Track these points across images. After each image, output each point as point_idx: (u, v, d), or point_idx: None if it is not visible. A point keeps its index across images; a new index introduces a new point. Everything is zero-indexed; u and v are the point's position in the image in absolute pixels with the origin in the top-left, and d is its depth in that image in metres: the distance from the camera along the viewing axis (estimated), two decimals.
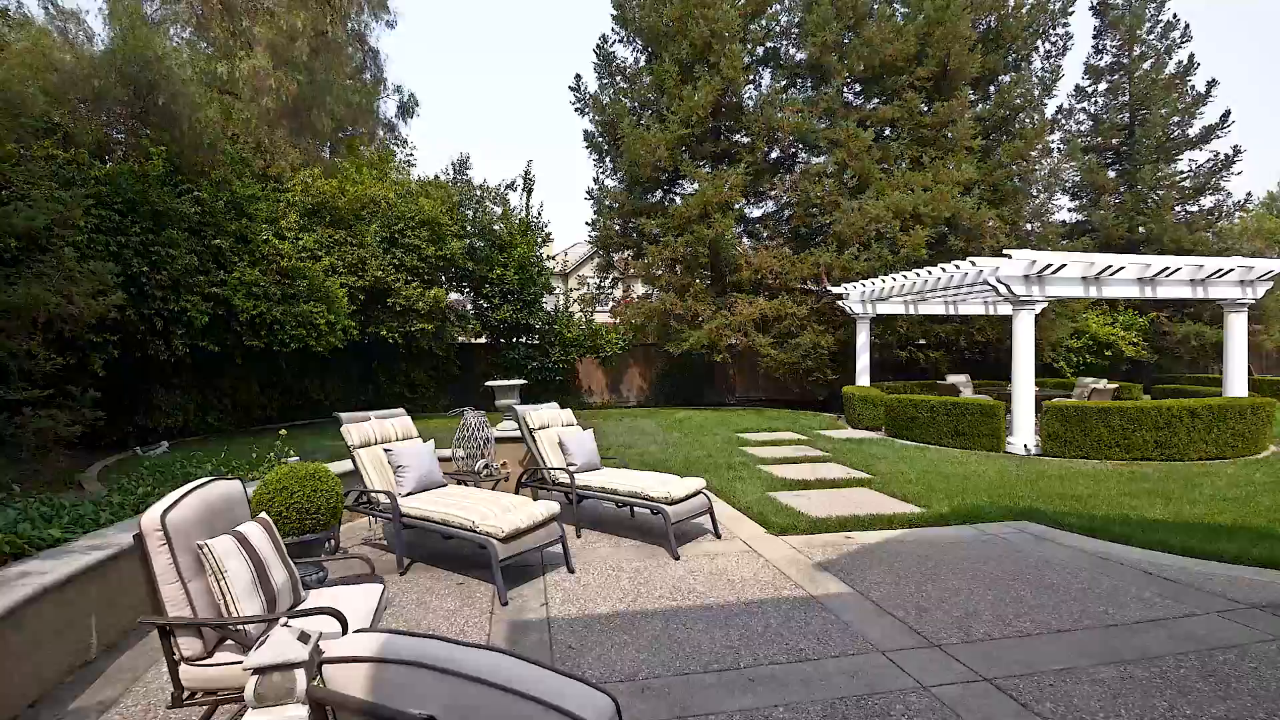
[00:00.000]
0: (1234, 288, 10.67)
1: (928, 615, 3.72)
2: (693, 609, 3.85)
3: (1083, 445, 9.24)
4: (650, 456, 9.34)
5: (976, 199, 16.12)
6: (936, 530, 5.59)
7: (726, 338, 15.60)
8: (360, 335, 14.13)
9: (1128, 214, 20.21)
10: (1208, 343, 18.83)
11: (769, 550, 5.04)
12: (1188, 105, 20.21)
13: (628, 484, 5.33)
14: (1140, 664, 3.12)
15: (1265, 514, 5.93)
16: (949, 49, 15.82)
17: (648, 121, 17.02)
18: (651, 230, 16.64)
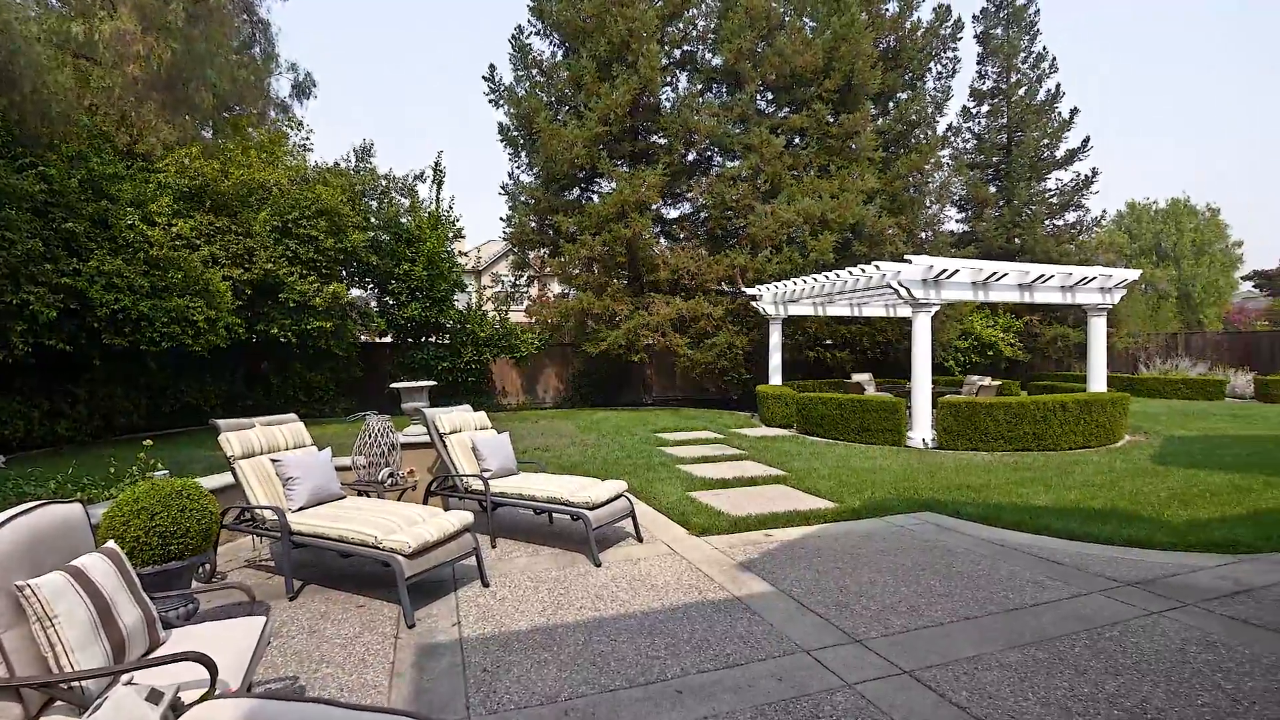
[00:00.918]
0: (1096, 294, 11.87)
1: (848, 610, 3.76)
2: (617, 618, 3.69)
3: (973, 438, 9.93)
4: (568, 459, 9.11)
5: (878, 207, 17.06)
6: (850, 524, 5.76)
7: (644, 338, 15.60)
8: (247, 333, 12.89)
9: (1006, 226, 22.15)
10: (1072, 343, 20.99)
11: (692, 552, 4.97)
12: (1055, 130, 22.43)
13: (546, 489, 5.10)
14: (1040, 646, 3.29)
15: (1129, 497, 6.57)
16: (853, 64, 16.64)
17: (565, 117, 16.73)
18: (568, 228, 16.36)
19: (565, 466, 8.47)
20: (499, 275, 21.03)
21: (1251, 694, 2.79)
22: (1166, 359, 23.33)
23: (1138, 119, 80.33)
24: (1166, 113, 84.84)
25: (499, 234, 20.24)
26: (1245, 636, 3.37)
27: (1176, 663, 3.09)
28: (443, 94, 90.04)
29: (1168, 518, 5.76)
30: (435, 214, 16.56)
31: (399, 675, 3.08)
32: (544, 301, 18.59)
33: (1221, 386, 18.46)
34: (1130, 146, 75.73)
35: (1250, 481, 7.19)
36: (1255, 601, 3.85)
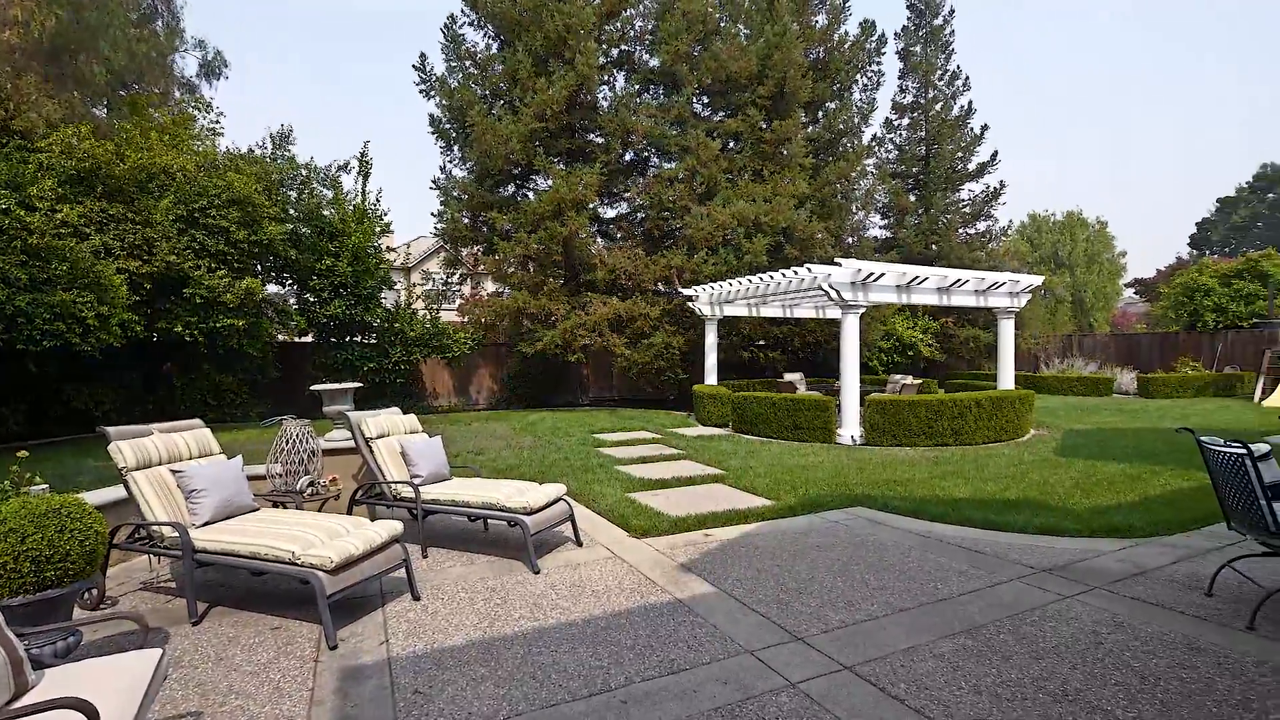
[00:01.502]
0: (1005, 298, 12.68)
1: (789, 608, 3.79)
2: (557, 627, 3.57)
3: (897, 435, 10.38)
4: (504, 462, 8.85)
5: (808, 212, 17.61)
6: (787, 521, 5.85)
7: (581, 338, 15.44)
8: (147, 332, 11.83)
9: (925, 233, 23.40)
10: (982, 344, 22.42)
11: (633, 554, 4.90)
12: (968, 144, 23.91)
13: (481, 495, 4.90)
14: (969, 634, 3.42)
15: (1038, 488, 7.02)
16: (785, 73, 17.09)
17: (500, 112, 16.33)
18: (503, 225, 15.98)
19: (501, 470, 8.23)
20: (430, 273, 20.31)
21: (1157, 671, 3.00)
22: (1063, 358, 25.34)
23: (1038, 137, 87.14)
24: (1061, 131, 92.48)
25: (430, 230, 19.56)
26: (1146, 616, 3.63)
27: (1090, 644, 3.28)
28: (370, 81, 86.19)
29: (1072, 506, 6.18)
30: (361, 207, 15.76)
31: (319, 703, 2.84)
32: (478, 300, 18.10)
33: (1110, 384, 20.22)
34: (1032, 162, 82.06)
35: (1139, 471, 7.85)
36: (1152, 582, 4.17)
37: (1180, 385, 18.88)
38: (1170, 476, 7.45)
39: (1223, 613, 3.64)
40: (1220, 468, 3.68)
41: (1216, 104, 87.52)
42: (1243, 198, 51.40)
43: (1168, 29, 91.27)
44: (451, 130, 17.69)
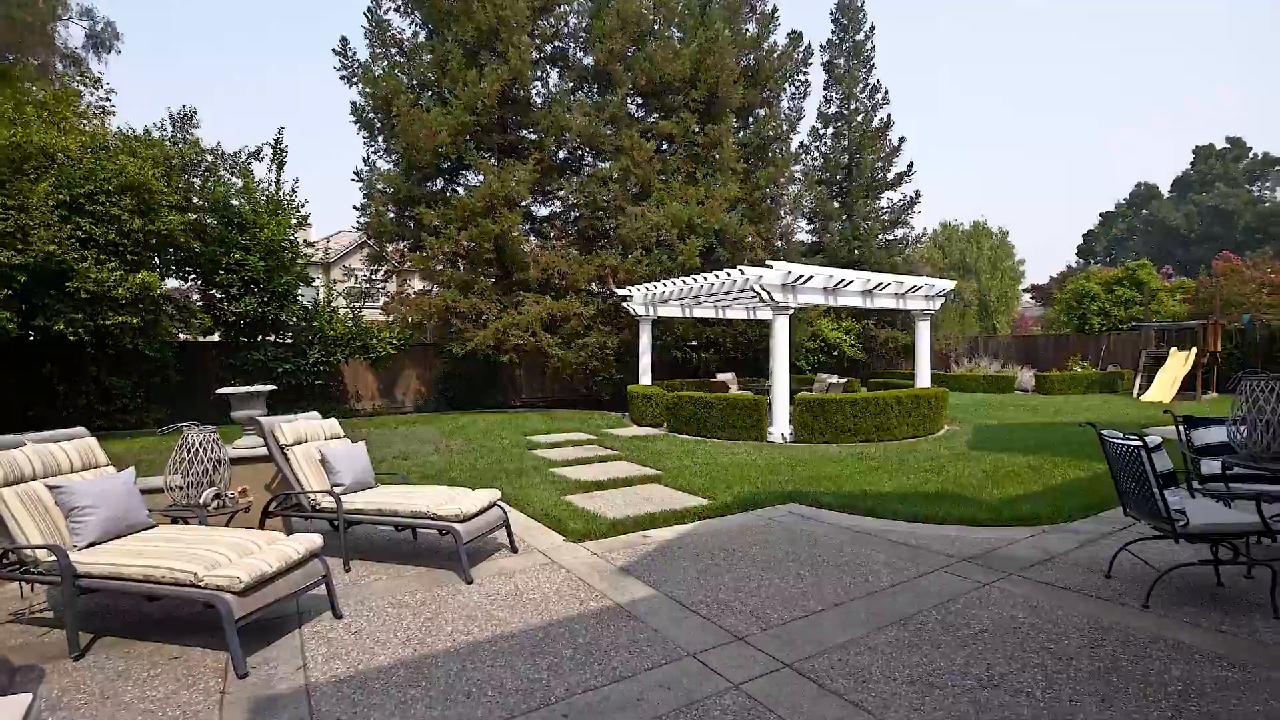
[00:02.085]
0: (923, 301, 13.40)
1: (729, 608, 3.80)
2: (493, 640, 3.41)
3: (825, 432, 10.74)
4: (433, 467, 8.50)
5: (740, 216, 17.98)
6: (723, 520, 5.90)
7: (514, 338, 15.11)
8: (21, 330, 10.59)
9: (848, 239, 24.43)
10: (900, 344, 23.64)
11: (570, 559, 4.79)
12: (886, 155, 25.14)
13: (409, 503, 4.64)
14: (900, 625, 3.54)
15: (955, 481, 7.43)
16: (717, 77, 17.38)
17: (428, 103, 15.72)
18: (432, 221, 15.40)
19: (430, 475, 7.90)
20: (352, 269, 19.27)
21: (1070, 651, 3.20)
22: (971, 358, 27.14)
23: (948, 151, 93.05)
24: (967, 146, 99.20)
25: (353, 224, 18.59)
26: (1057, 599, 3.88)
27: (1010, 629, 3.47)
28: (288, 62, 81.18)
29: (986, 497, 6.57)
30: (275, 197, 14.75)
31: None
32: (404, 298, 17.34)
33: (1012, 381, 21.83)
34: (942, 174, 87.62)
35: (1041, 462, 8.46)
36: (1059, 567, 4.47)
37: (1072, 382, 20.62)
38: (1068, 467, 8.06)
39: (1122, 593, 3.95)
40: (1119, 459, 3.99)
41: (1101, 125, 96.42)
42: (1121, 213, 56.85)
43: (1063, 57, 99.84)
44: (376, 120, 16.89)
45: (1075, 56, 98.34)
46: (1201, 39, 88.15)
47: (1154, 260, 32.09)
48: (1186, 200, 51.79)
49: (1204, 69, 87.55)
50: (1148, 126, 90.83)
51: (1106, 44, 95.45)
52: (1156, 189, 55.67)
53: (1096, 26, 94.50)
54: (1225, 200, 48.95)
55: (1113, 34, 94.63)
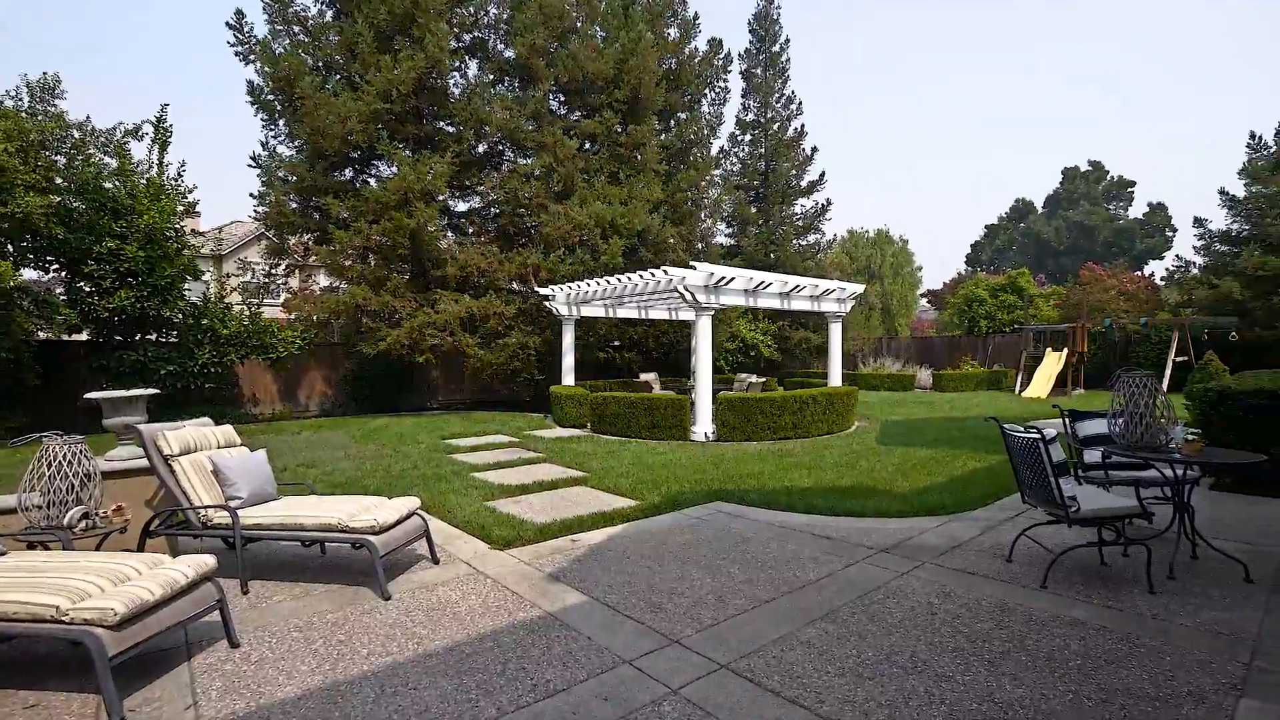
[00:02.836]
0: (835, 303, 14.04)
1: (662, 611, 3.76)
2: (416, 660, 3.19)
3: (746, 430, 11.00)
4: (343, 475, 7.95)
5: (662, 217, 18.14)
6: (652, 521, 5.87)
7: (430, 337, 14.47)
8: None
9: (765, 243, 25.27)
10: (813, 345, 24.73)
11: (496, 568, 4.59)
12: (800, 163, 26.21)
13: (317, 515, 4.28)
14: (828, 619, 3.63)
15: (868, 474, 7.80)
16: (640, 79, 17.45)
17: (336, 87, 14.76)
18: (340, 213, 14.49)
19: (340, 484, 7.38)
20: (248, 262, 17.81)
21: (982, 633, 3.39)
22: (876, 358, 28.83)
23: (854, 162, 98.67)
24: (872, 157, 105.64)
25: (249, 213, 17.15)
26: (967, 585, 4.12)
27: (927, 615, 3.64)
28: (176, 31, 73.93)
29: (897, 489, 6.93)
30: (157, 181, 13.33)
31: None
32: (308, 295, 16.21)
33: (912, 380, 23.37)
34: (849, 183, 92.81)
35: (943, 455, 9.05)
36: (966, 553, 4.76)
37: (963, 380, 22.34)
38: (967, 459, 8.67)
39: (1022, 575, 4.25)
40: (1019, 451, 4.30)
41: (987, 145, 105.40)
42: (1002, 226, 62.32)
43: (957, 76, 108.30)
44: (276, 102, 15.68)
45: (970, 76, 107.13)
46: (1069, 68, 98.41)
47: (1031, 269, 35.39)
48: (1056, 215, 57.54)
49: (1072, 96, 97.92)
50: (1026, 147, 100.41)
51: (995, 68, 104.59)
52: (1032, 205, 61.47)
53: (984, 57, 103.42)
54: (1088, 216, 54.81)
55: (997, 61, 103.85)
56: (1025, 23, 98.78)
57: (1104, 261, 39.93)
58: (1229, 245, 22.30)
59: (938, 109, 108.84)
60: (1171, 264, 27.65)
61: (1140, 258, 50.76)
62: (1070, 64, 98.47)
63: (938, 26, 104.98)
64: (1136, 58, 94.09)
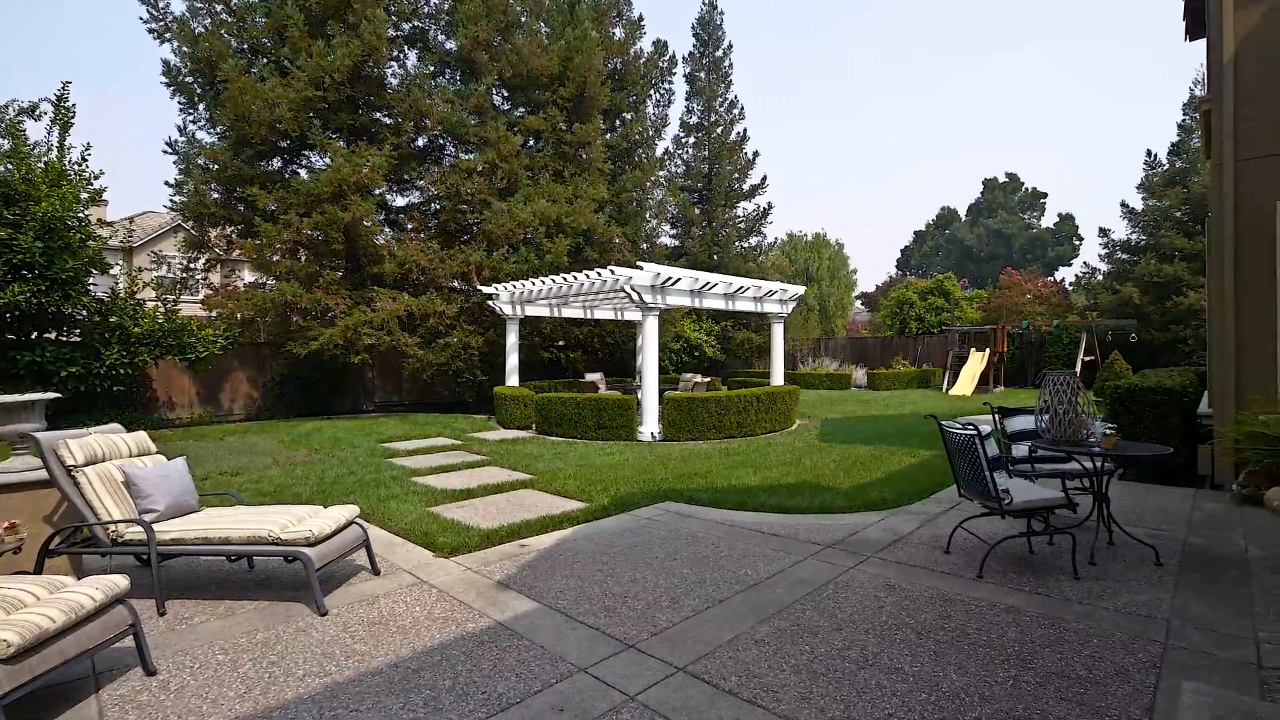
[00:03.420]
0: (778, 304, 14.36)
1: (616, 615, 3.70)
2: (357, 679, 3.01)
3: (692, 429, 11.09)
4: (272, 483, 7.49)
5: (607, 217, 18.08)
6: (602, 523, 5.81)
7: (366, 336, 13.88)
8: None
9: (709, 244, 25.61)
10: (754, 345, 25.26)
11: (441, 577, 4.41)
12: (742, 167, 26.71)
13: (245, 527, 3.99)
14: (781, 616, 3.67)
15: (812, 471, 7.99)
16: (586, 77, 17.34)
17: (264, 71, 13.92)
18: (267, 205, 13.68)
19: (268, 493, 6.94)
20: (164, 255, 16.55)
21: (927, 624, 3.51)
22: (814, 358, 29.75)
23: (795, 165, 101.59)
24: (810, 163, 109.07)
25: (164, 203, 15.97)
26: (910, 577, 4.27)
27: (875, 609, 3.74)
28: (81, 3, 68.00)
29: (839, 485, 7.13)
30: (57, 166, 12.18)
31: None
32: (231, 291, 15.25)
33: (849, 379, 24.22)
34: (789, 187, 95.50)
35: (881, 451, 9.40)
36: (907, 546, 4.93)
37: (896, 379, 23.34)
38: (902, 455, 9.04)
39: (960, 566, 4.44)
40: (957, 447, 4.48)
41: (914, 155, 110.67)
42: (929, 232, 65.57)
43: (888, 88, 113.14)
44: (195, 85, 14.66)
45: (903, 87, 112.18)
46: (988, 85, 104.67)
47: (955, 273, 37.39)
48: (978, 224, 61.04)
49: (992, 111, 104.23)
50: (951, 158, 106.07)
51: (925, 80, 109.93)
52: (956, 212, 64.96)
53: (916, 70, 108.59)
54: (1005, 225, 58.40)
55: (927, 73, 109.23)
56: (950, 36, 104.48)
57: (1021, 267, 42.57)
58: (1129, 254, 24.19)
59: (874, 117, 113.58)
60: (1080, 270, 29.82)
61: (1051, 264, 54.45)
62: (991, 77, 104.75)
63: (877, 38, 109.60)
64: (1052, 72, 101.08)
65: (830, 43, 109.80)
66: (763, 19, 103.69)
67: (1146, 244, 23.30)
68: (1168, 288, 20.87)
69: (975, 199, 63.98)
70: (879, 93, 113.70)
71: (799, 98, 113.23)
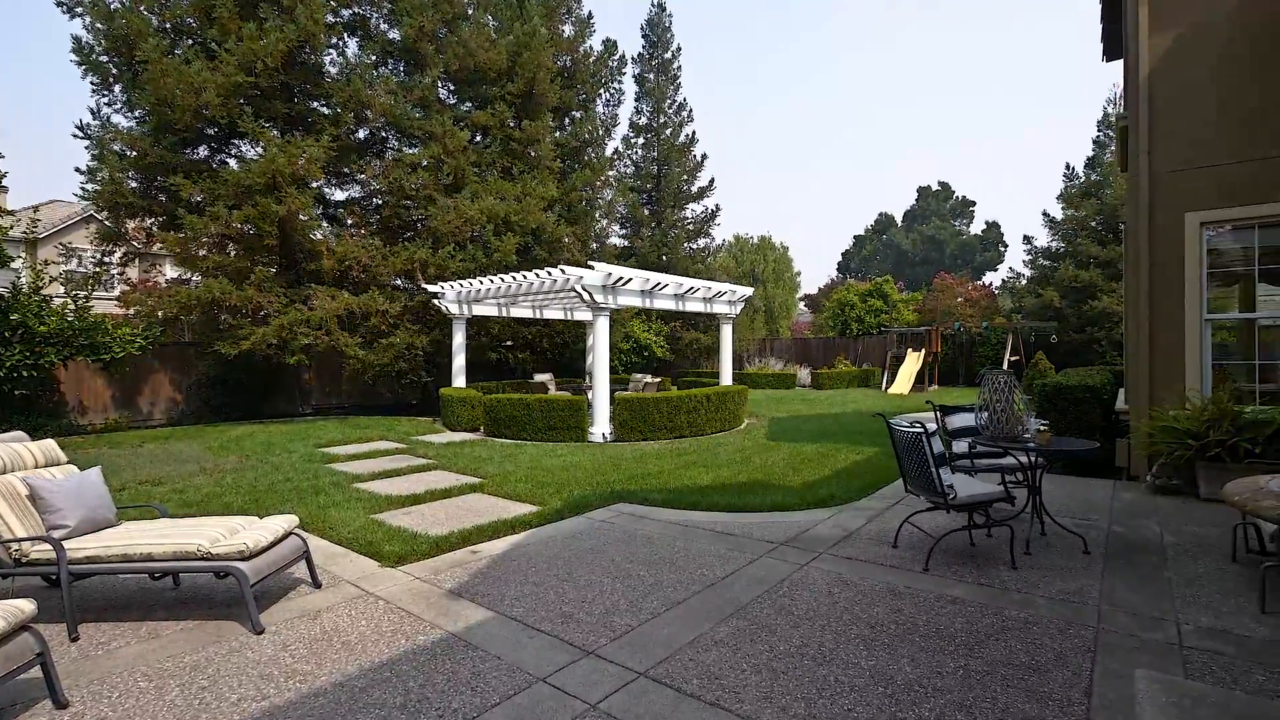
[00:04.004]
0: (726, 305, 14.55)
1: (574, 621, 3.63)
2: (299, 701, 2.83)
3: (643, 430, 11.10)
4: (199, 492, 7.02)
5: (557, 215, 17.88)
6: (555, 526, 5.71)
7: (303, 336, 13.22)
8: None
9: (658, 245, 25.72)
10: (703, 345, 25.55)
11: (389, 588, 4.22)
12: (691, 169, 26.95)
13: (170, 541, 3.71)
14: (739, 616, 3.68)
15: (762, 470, 8.12)
16: (535, 73, 17.09)
17: (189, 53, 13.04)
18: (192, 196, 12.84)
19: (195, 503, 6.50)
20: (73, 248, 15.30)
21: (879, 618, 3.59)
22: (760, 358, 30.35)
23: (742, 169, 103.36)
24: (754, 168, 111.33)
25: (75, 192, 14.75)
26: (861, 572, 4.37)
27: (829, 604, 3.80)
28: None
29: (790, 483, 7.27)
30: None
31: None
32: (151, 288, 14.26)
33: (793, 378, 24.84)
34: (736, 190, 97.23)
35: (827, 449, 9.65)
36: (857, 542, 5.06)
37: (839, 378, 24.08)
38: (848, 452, 9.30)
39: (908, 560, 4.58)
40: (904, 444, 4.63)
41: (853, 167, 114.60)
42: (868, 237, 68.07)
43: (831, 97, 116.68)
44: (111, 65, 13.60)
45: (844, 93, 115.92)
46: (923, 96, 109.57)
47: (892, 276, 38.95)
48: (912, 229, 63.81)
49: (926, 122, 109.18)
50: (888, 169, 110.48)
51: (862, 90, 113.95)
52: (893, 218, 67.70)
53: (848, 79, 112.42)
54: (938, 231, 61.28)
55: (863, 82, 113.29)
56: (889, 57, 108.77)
57: (953, 271, 44.76)
58: (1050, 260, 25.78)
59: (818, 122, 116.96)
60: (1006, 275, 31.60)
61: (980, 269, 57.46)
62: (925, 89, 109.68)
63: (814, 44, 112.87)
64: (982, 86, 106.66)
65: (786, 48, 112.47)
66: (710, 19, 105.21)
67: (1065, 251, 24.87)
68: (1084, 292, 22.36)
69: (910, 206, 66.84)
70: (826, 96, 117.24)
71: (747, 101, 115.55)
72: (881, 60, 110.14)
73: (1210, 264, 6.76)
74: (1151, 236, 6.88)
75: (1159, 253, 6.86)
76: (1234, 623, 3.46)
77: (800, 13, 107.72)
